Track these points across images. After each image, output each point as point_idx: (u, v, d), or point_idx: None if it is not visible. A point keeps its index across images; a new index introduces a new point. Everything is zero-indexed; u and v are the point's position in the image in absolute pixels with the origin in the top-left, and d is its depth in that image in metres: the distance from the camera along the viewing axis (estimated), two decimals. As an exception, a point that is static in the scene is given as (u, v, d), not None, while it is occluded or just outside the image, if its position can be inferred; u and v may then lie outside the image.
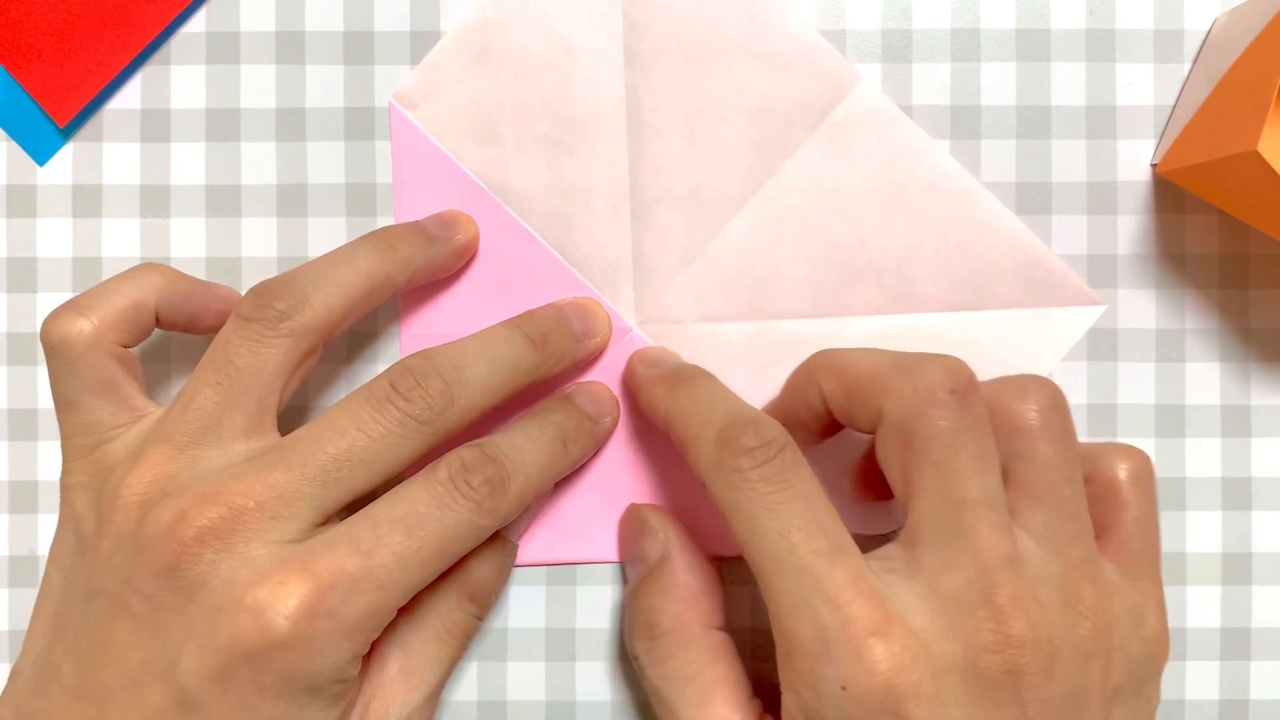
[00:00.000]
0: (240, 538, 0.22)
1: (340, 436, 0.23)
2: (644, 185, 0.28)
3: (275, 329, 0.23)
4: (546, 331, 0.26)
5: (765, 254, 0.28)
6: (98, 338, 0.24)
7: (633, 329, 0.28)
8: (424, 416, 0.23)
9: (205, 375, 0.23)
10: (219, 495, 0.22)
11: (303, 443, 0.23)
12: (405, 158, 0.28)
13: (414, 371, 0.23)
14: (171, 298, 0.25)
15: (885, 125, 0.28)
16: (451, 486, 0.23)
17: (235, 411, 0.23)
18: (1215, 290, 0.29)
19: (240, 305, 0.24)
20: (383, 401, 0.23)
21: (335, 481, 0.22)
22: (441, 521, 0.23)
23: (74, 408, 0.24)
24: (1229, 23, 0.27)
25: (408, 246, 0.26)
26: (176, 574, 0.21)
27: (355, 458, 0.23)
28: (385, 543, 0.22)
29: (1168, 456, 0.29)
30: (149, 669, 0.21)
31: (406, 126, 0.28)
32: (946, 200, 0.28)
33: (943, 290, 0.28)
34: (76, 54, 0.28)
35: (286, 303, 0.23)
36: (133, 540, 0.22)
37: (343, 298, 0.24)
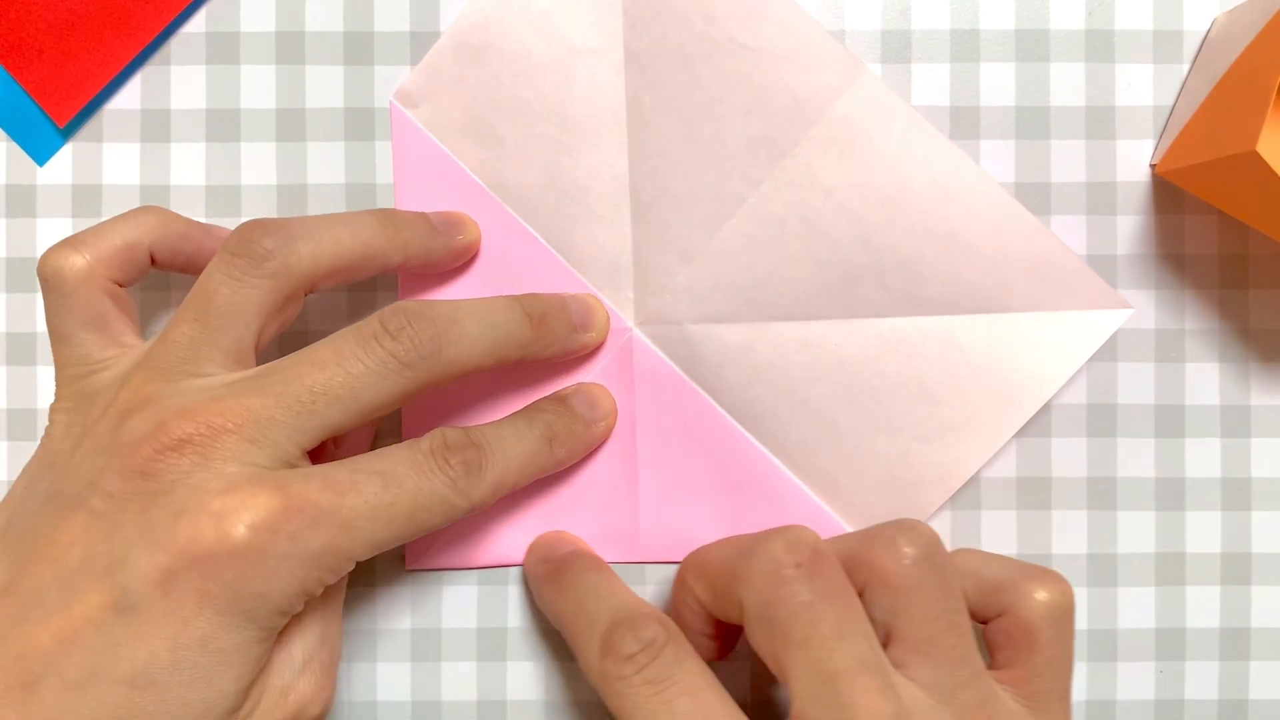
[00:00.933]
0: (217, 455, 0.22)
1: (320, 370, 0.23)
2: (643, 185, 0.28)
3: (258, 268, 0.23)
4: (545, 312, 0.26)
5: (765, 254, 0.28)
6: (90, 273, 0.24)
7: (632, 330, 0.28)
8: (408, 358, 0.23)
9: (186, 310, 0.23)
10: (198, 412, 0.22)
11: (282, 372, 0.23)
12: (406, 157, 0.28)
13: (406, 312, 0.23)
14: (167, 238, 0.26)
15: (889, 120, 0.28)
16: (431, 458, 0.23)
17: (212, 347, 0.23)
18: (1215, 290, 0.29)
19: (228, 240, 0.24)
20: (368, 339, 0.23)
21: (310, 413, 0.22)
22: (416, 486, 0.23)
23: (65, 340, 0.24)
24: (1228, 23, 0.27)
25: (409, 231, 0.26)
26: (147, 478, 0.21)
27: (332, 392, 0.23)
28: (360, 489, 0.22)
29: (1168, 456, 0.29)
30: (90, 567, 0.21)
31: (407, 125, 0.28)
32: (955, 197, 0.28)
33: (953, 292, 0.28)
34: (76, 54, 0.28)
35: (274, 242, 0.23)
36: (108, 446, 0.22)
37: (332, 254, 0.24)
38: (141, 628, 0.21)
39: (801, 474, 0.28)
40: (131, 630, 0.21)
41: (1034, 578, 0.24)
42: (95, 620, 0.21)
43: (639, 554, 0.28)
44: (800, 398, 0.28)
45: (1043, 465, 0.29)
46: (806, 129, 0.28)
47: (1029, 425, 0.28)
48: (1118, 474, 0.29)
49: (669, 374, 0.28)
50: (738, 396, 0.28)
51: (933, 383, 0.28)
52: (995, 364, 0.28)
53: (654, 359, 0.28)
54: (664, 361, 0.28)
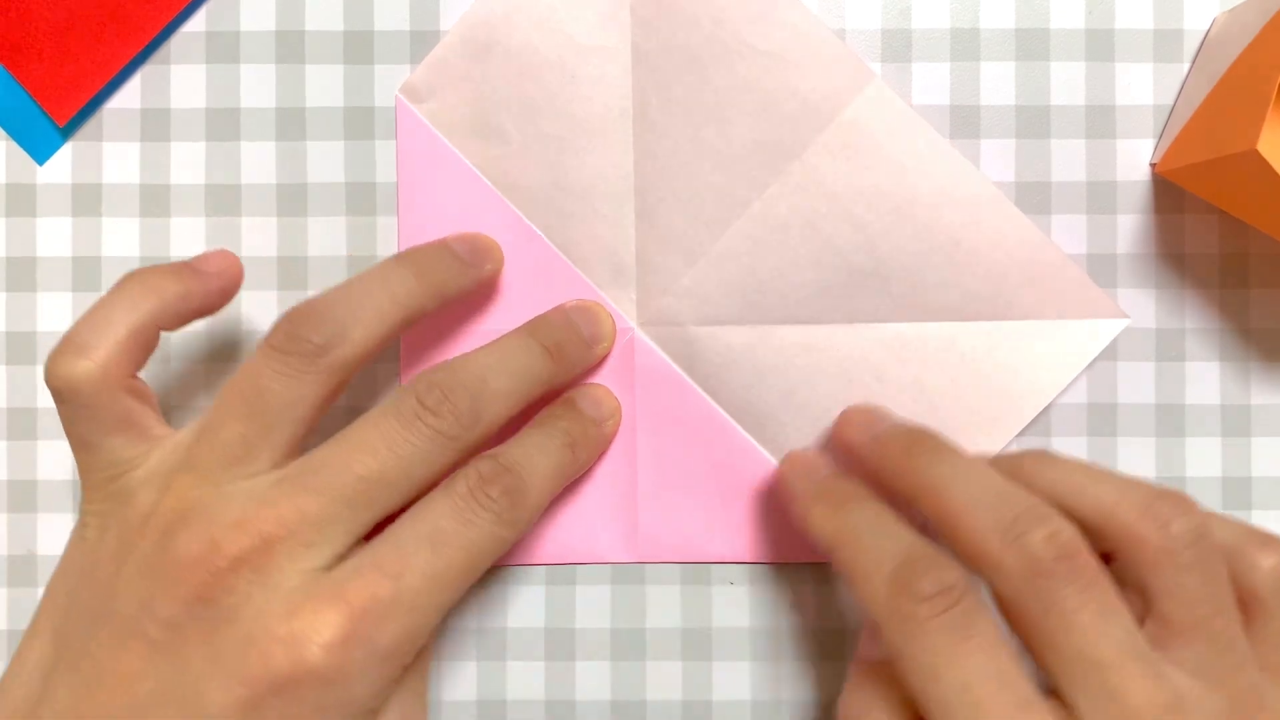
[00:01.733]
0: (274, 567, 0.21)
1: (371, 456, 0.22)
2: (648, 185, 0.28)
3: (312, 364, 0.22)
4: (561, 340, 0.26)
5: (769, 257, 0.28)
6: (104, 376, 0.23)
7: (635, 330, 0.28)
8: (453, 432, 0.23)
9: (234, 406, 0.23)
10: (251, 523, 0.21)
11: (331, 465, 0.22)
12: (410, 152, 0.28)
13: (441, 386, 0.23)
14: (168, 307, 0.24)
15: (897, 126, 0.28)
16: (471, 499, 0.23)
17: (265, 444, 0.22)
18: (1215, 290, 0.29)
19: (274, 335, 0.23)
20: (411, 419, 0.23)
21: (367, 504, 0.22)
22: (466, 537, 0.22)
23: (90, 448, 0.23)
24: (1228, 22, 0.27)
25: (442, 272, 0.25)
26: (206, 604, 0.21)
27: (386, 478, 0.22)
28: (412, 563, 0.22)
29: (1168, 456, 0.29)
30: (164, 699, 0.21)
31: (412, 121, 0.28)
32: (959, 205, 0.28)
33: (955, 298, 0.28)
34: (76, 53, 0.28)
35: (324, 336, 0.23)
36: (156, 566, 0.21)
37: (380, 328, 0.24)
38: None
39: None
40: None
41: (1260, 543, 0.23)
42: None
43: (638, 554, 0.28)
44: (801, 401, 0.28)
45: (1043, 465, 0.29)
46: (814, 134, 0.28)
47: (1030, 425, 0.28)
48: (1118, 473, 0.29)
49: (670, 375, 0.28)
50: (739, 398, 0.28)
51: (932, 388, 0.28)
52: (995, 370, 0.28)
53: (656, 360, 0.28)
54: (666, 362, 0.28)
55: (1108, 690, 0.20)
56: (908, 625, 0.21)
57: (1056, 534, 0.21)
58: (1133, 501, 0.22)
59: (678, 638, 0.29)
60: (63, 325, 0.29)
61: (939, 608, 0.21)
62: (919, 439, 0.25)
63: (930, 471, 0.24)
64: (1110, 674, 0.20)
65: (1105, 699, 0.20)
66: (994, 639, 0.21)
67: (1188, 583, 0.21)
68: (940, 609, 0.21)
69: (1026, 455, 0.24)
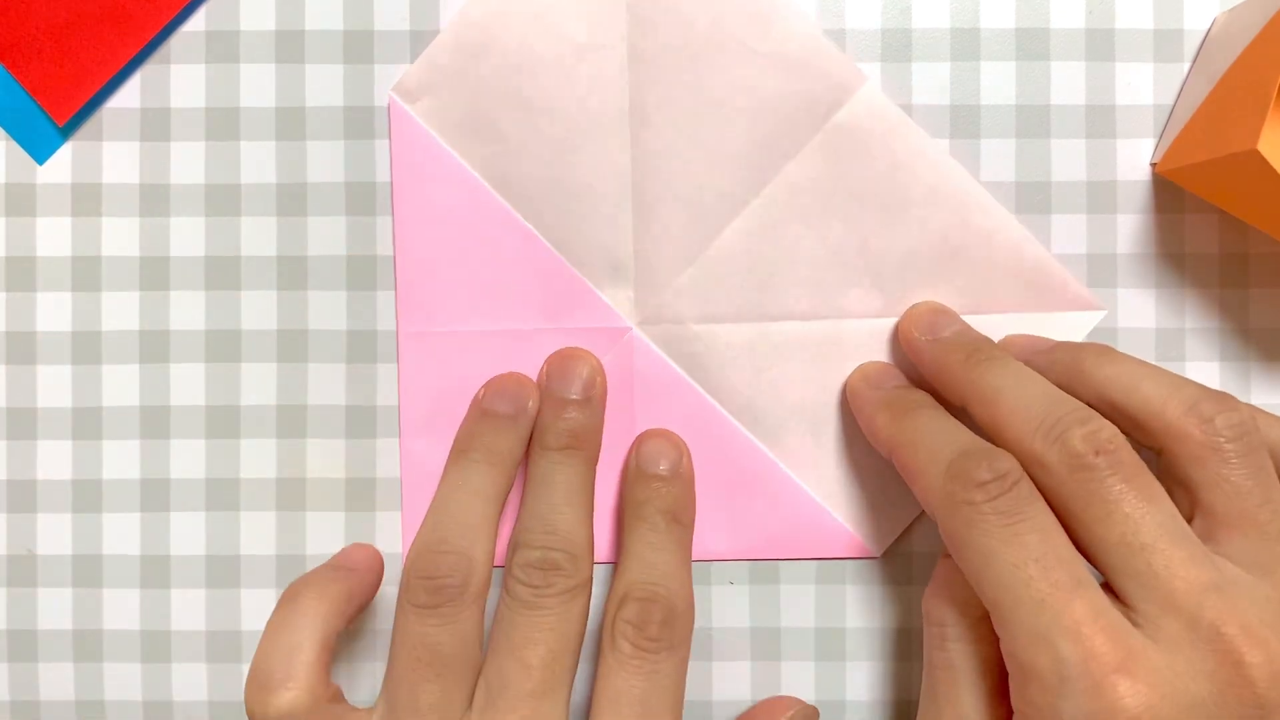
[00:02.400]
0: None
1: (530, 648, 0.24)
2: (646, 184, 0.28)
3: (460, 601, 0.24)
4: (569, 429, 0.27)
5: (765, 255, 0.28)
6: (313, 698, 0.24)
7: (632, 329, 0.28)
8: (571, 585, 0.25)
9: (417, 670, 0.24)
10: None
11: (511, 673, 0.24)
12: (405, 152, 0.28)
13: (534, 562, 0.25)
14: (339, 616, 0.25)
15: (889, 128, 0.28)
16: (640, 654, 0.24)
17: (459, 690, 0.24)
18: (1215, 290, 0.29)
19: (413, 593, 0.24)
20: (534, 602, 0.24)
21: (555, 683, 0.24)
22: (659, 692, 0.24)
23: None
24: (1228, 22, 0.27)
25: (505, 443, 0.27)
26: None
27: (554, 655, 0.24)
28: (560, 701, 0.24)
29: (1168, 456, 0.29)
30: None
31: (406, 121, 0.28)
32: (947, 204, 0.28)
33: (941, 295, 0.28)
34: (76, 53, 0.28)
35: (460, 574, 0.24)
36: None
37: (492, 535, 0.26)
38: None
39: (801, 474, 0.28)
40: None
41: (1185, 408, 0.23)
42: None
43: None
44: (798, 398, 0.28)
45: (1043, 464, 0.29)
46: (810, 134, 0.28)
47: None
48: (1118, 473, 0.29)
49: (669, 373, 0.28)
50: (738, 396, 0.28)
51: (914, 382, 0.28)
52: None
53: (654, 358, 0.28)
54: (664, 360, 0.28)
55: (1151, 571, 0.21)
56: (962, 511, 0.22)
57: (1097, 432, 0.22)
58: (1180, 399, 0.23)
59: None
60: (64, 326, 0.29)
61: (992, 493, 0.22)
62: (978, 348, 0.26)
63: (984, 380, 0.24)
64: (1154, 556, 0.21)
65: (1149, 580, 0.21)
66: (1046, 523, 0.22)
67: (1232, 475, 0.22)
68: (994, 494, 0.22)
69: (1088, 348, 0.25)
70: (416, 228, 0.28)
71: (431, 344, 0.28)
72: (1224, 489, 0.22)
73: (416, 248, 0.28)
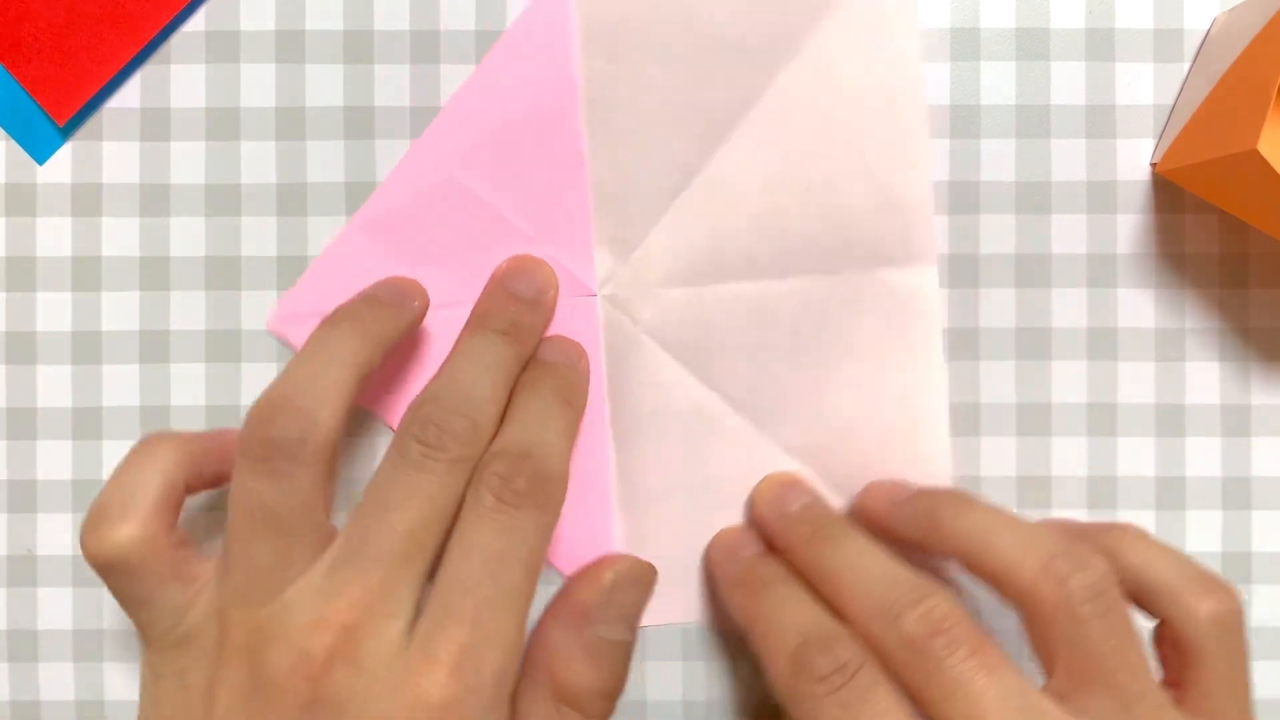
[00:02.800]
0: (363, 651, 0.21)
1: (404, 511, 0.22)
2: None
3: (296, 459, 0.22)
4: (512, 318, 0.27)
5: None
6: (148, 537, 0.23)
7: (596, 295, 0.29)
8: (464, 455, 0.23)
9: (248, 528, 0.23)
10: (326, 620, 0.21)
11: (372, 534, 0.22)
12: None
13: (434, 421, 0.23)
14: (193, 464, 0.25)
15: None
16: (503, 506, 0.23)
17: (297, 548, 0.22)
18: (1215, 290, 0.29)
19: (245, 443, 0.23)
20: (422, 461, 0.23)
21: (420, 552, 0.22)
22: (515, 545, 0.23)
23: (148, 604, 0.23)
24: (1228, 22, 0.27)
25: (378, 323, 0.26)
26: (315, 706, 0.21)
27: (425, 523, 0.22)
28: (481, 598, 0.22)
29: (1168, 456, 0.29)
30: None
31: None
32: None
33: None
34: (76, 53, 0.28)
35: (297, 429, 0.23)
36: (254, 691, 0.21)
37: (343, 398, 0.24)
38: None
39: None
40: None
41: (1198, 589, 0.23)
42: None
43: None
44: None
45: (1043, 464, 0.29)
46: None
47: (1029, 425, 0.28)
48: (1118, 473, 0.29)
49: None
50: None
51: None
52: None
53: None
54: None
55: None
56: (805, 704, 0.22)
57: (930, 611, 0.22)
58: (1035, 558, 0.23)
59: (678, 636, 0.29)
60: (64, 326, 0.29)
61: (834, 685, 0.22)
62: (821, 525, 0.26)
63: (825, 560, 0.25)
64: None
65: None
66: (889, 707, 0.22)
67: (1088, 638, 0.22)
68: (835, 686, 0.22)
69: (944, 499, 0.25)
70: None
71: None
72: (1080, 651, 0.22)
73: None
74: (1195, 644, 0.23)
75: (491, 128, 0.28)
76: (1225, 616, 0.23)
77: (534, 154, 0.28)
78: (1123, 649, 0.22)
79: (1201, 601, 0.23)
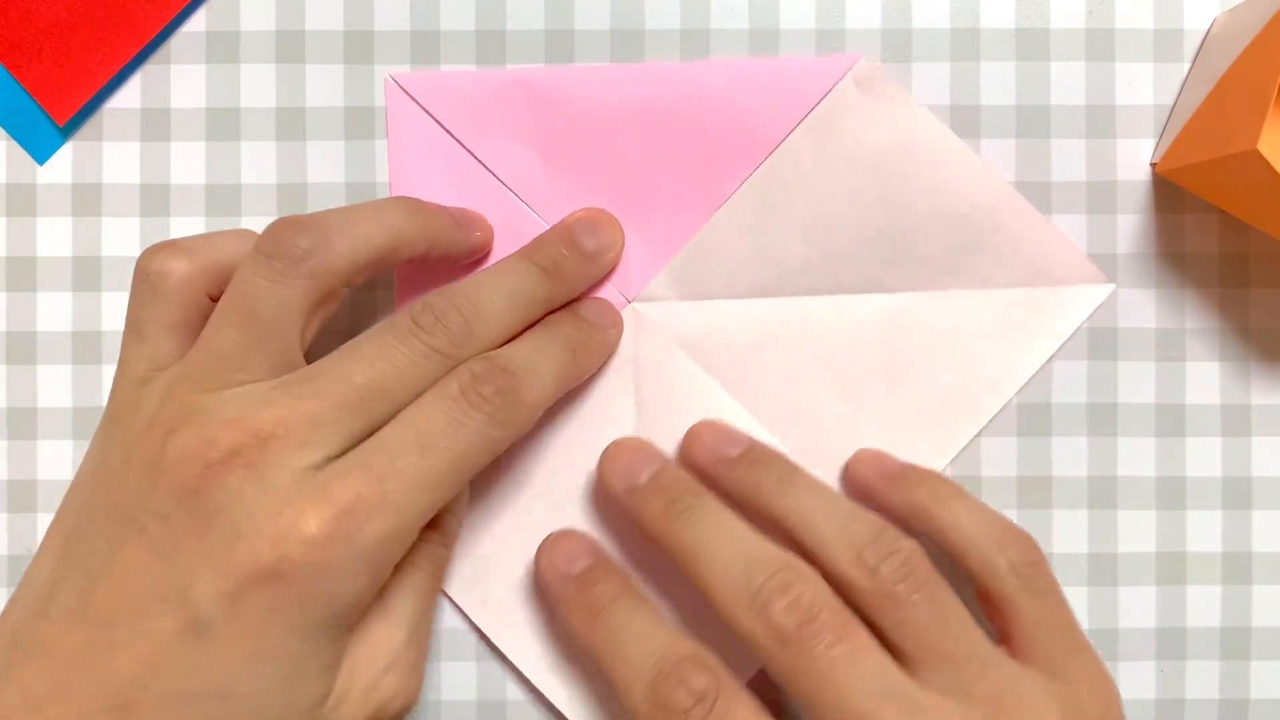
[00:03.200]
0: (266, 464, 0.22)
1: (368, 366, 0.23)
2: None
3: (296, 269, 0.23)
4: (557, 258, 0.27)
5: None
6: (191, 280, 0.24)
7: (629, 305, 0.29)
8: (446, 348, 0.23)
9: (227, 315, 0.23)
10: (246, 421, 0.22)
11: (331, 372, 0.23)
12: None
13: (434, 308, 0.24)
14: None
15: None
16: (463, 400, 0.23)
17: (260, 352, 0.23)
18: (1215, 290, 0.29)
19: (261, 241, 0.23)
20: (406, 334, 0.23)
21: (362, 410, 0.23)
22: (454, 438, 0.23)
23: (143, 336, 0.24)
24: (1228, 22, 0.27)
25: (433, 220, 0.26)
26: (198, 497, 0.21)
27: (381, 387, 0.23)
28: (398, 465, 0.22)
29: (1168, 456, 0.29)
30: (159, 593, 0.21)
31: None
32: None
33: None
34: (76, 53, 0.28)
35: (309, 241, 0.23)
36: (156, 464, 0.22)
37: (367, 248, 0.24)
38: (218, 647, 0.21)
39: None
40: (209, 651, 0.21)
41: (998, 544, 0.24)
42: (173, 645, 0.21)
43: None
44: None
45: (1043, 464, 0.29)
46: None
47: (1029, 425, 0.28)
48: (1118, 473, 0.29)
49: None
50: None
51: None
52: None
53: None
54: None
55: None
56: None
57: (798, 599, 0.23)
58: (846, 550, 0.24)
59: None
60: (64, 326, 0.29)
61: (695, 718, 0.22)
62: (676, 497, 0.25)
63: (683, 537, 0.25)
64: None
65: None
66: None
67: (910, 615, 0.23)
68: (697, 718, 0.22)
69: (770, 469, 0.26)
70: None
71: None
72: (907, 629, 0.23)
73: None
74: (1004, 595, 0.24)
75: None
76: (1023, 566, 0.24)
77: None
78: (943, 619, 0.23)
79: (1000, 555, 0.24)
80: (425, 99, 0.28)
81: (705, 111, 0.28)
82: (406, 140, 0.28)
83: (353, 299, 0.29)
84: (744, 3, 0.28)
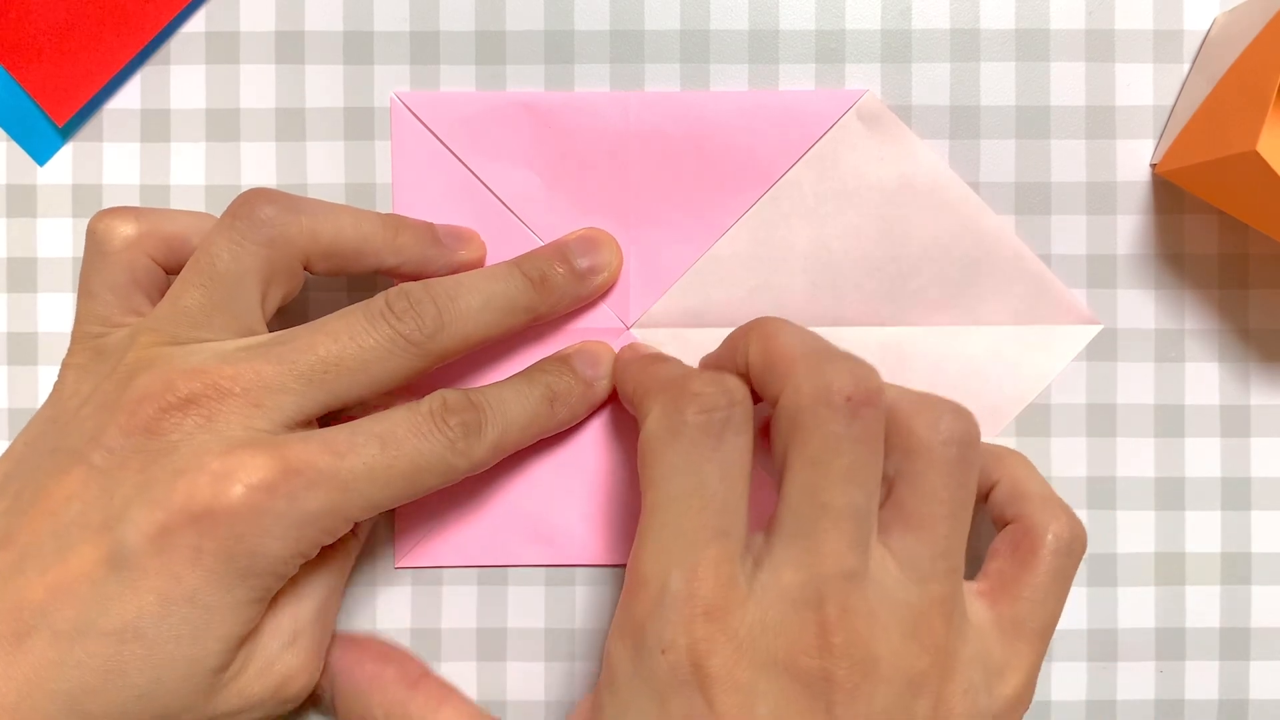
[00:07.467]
0: (221, 416, 0.22)
1: (333, 341, 0.23)
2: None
3: (256, 232, 0.24)
4: (546, 272, 0.27)
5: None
6: (136, 242, 0.25)
7: (628, 331, 0.28)
8: (414, 337, 0.24)
9: (192, 275, 0.24)
10: (207, 373, 0.22)
11: (296, 341, 0.23)
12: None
13: (410, 295, 0.24)
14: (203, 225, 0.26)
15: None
16: (430, 420, 0.24)
17: (222, 312, 0.24)
18: (1215, 290, 0.29)
19: (231, 205, 0.24)
20: (376, 317, 0.24)
21: (322, 383, 0.23)
22: (415, 448, 0.23)
23: (92, 297, 0.25)
24: (1228, 23, 0.27)
25: (409, 235, 0.26)
26: (150, 435, 0.22)
27: (343, 364, 0.23)
28: (358, 451, 0.23)
29: (1168, 456, 0.29)
30: (87, 521, 0.22)
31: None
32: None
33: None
34: (76, 54, 0.28)
35: (273, 210, 0.24)
36: (112, 402, 0.22)
37: (331, 235, 0.25)
38: (133, 583, 0.21)
39: None
40: (123, 585, 0.21)
41: (1063, 511, 0.24)
42: (88, 573, 0.21)
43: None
44: None
45: (1043, 465, 0.29)
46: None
47: (1028, 425, 0.28)
48: (1117, 474, 0.29)
49: None
50: None
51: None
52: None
53: None
54: None
55: (814, 529, 0.21)
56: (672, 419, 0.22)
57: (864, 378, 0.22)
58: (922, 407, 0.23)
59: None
60: (63, 326, 0.29)
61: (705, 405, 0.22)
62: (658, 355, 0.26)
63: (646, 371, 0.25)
64: (824, 519, 0.21)
65: (807, 534, 0.21)
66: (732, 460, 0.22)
67: (932, 477, 0.22)
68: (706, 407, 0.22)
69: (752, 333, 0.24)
70: None
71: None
72: (920, 487, 0.22)
73: None
74: (1036, 544, 0.23)
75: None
76: (1072, 541, 0.24)
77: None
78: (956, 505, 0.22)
79: (1057, 516, 0.24)
80: (430, 118, 0.28)
81: (709, 141, 0.28)
82: (410, 158, 0.28)
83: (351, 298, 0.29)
84: (744, 3, 0.28)
